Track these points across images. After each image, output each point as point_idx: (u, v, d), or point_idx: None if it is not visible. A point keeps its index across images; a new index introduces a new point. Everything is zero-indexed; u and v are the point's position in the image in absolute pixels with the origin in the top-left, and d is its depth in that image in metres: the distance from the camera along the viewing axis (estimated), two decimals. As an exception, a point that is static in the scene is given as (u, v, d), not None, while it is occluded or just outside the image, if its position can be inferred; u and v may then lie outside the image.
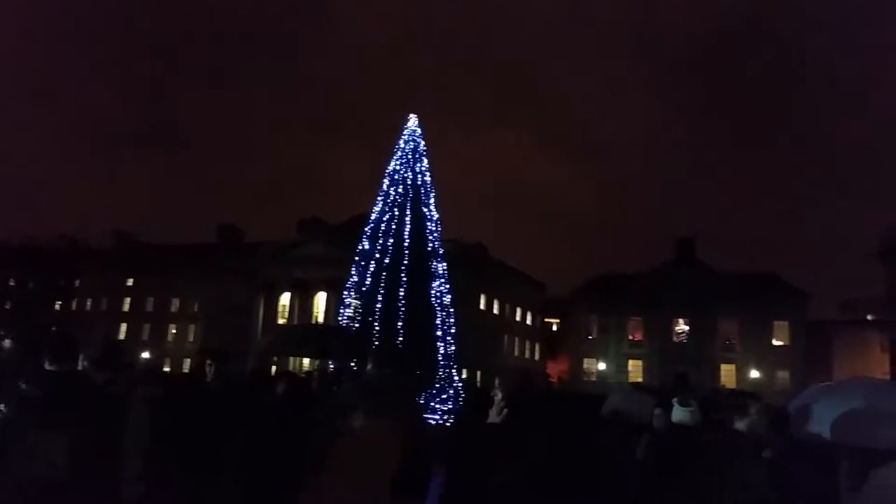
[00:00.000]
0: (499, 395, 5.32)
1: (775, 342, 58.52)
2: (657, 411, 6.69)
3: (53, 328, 54.46)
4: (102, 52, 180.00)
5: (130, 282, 68.36)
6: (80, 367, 4.10)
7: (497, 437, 5.03)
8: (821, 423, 4.98)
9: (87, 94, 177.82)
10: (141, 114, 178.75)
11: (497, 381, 5.62)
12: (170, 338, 66.65)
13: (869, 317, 60.43)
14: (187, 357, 60.30)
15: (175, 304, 66.97)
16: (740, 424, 3.94)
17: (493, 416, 5.19)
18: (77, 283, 70.62)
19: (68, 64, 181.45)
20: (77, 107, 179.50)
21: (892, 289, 43.04)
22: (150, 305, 67.76)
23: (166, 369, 47.46)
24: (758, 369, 57.39)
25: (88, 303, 69.99)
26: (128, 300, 68.85)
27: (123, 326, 67.24)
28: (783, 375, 55.92)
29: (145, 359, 56.32)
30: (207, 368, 6.24)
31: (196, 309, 64.21)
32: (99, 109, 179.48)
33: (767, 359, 57.67)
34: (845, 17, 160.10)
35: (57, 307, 70.23)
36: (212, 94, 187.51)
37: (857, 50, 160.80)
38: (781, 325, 58.53)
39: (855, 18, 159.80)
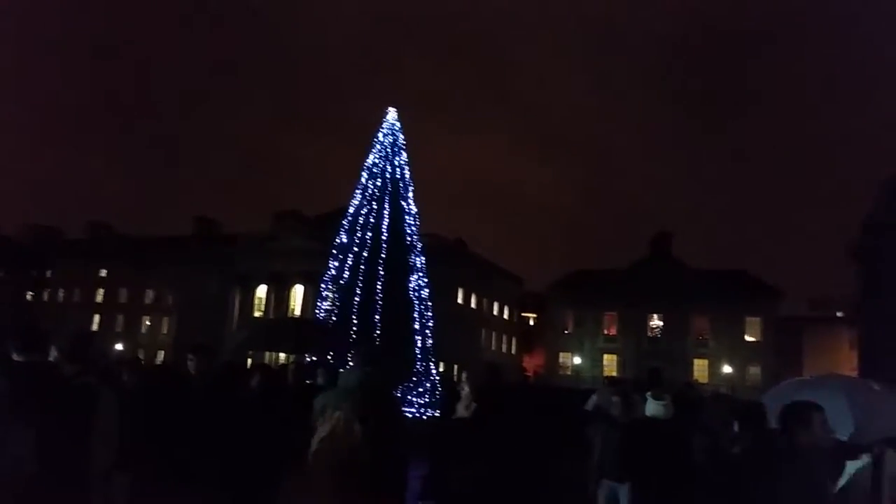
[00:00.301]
0: (465, 390, 5.26)
1: (747, 338, 59.28)
2: (615, 399, 6.68)
3: (23, 318, 53.59)
4: (101, 51, 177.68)
5: (104, 272, 67.40)
6: (51, 359, 4.02)
7: (463, 431, 5.00)
8: None
9: (82, 93, 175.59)
10: (137, 113, 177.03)
11: (464, 376, 5.56)
12: (143, 329, 65.89)
13: (839, 314, 61.56)
14: (161, 349, 59.69)
15: (149, 296, 66.16)
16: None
17: (461, 411, 5.15)
18: (49, 273, 69.49)
19: (67, 64, 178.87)
20: (70, 104, 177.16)
21: (862, 287, 43.79)
22: (123, 297, 66.90)
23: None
24: (730, 364, 58.14)
25: (61, 293, 68.91)
26: (101, 291, 67.86)
27: (96, 317, 66.35)
28: (755, 371, 56.71)
29: (118, 350, 55.62)
30: (189, 363, 6.13)
31: (170, 301, 63.51)
32: (93, 108, 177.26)
33: (740, 354, 58.42)
34: (845, 18, 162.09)
35: (28, 297, 69.06)
36: (211, 94, 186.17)
37: (857, 50, 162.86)
38: (753, 322, 59.28)
39: (855, 18, 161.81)
